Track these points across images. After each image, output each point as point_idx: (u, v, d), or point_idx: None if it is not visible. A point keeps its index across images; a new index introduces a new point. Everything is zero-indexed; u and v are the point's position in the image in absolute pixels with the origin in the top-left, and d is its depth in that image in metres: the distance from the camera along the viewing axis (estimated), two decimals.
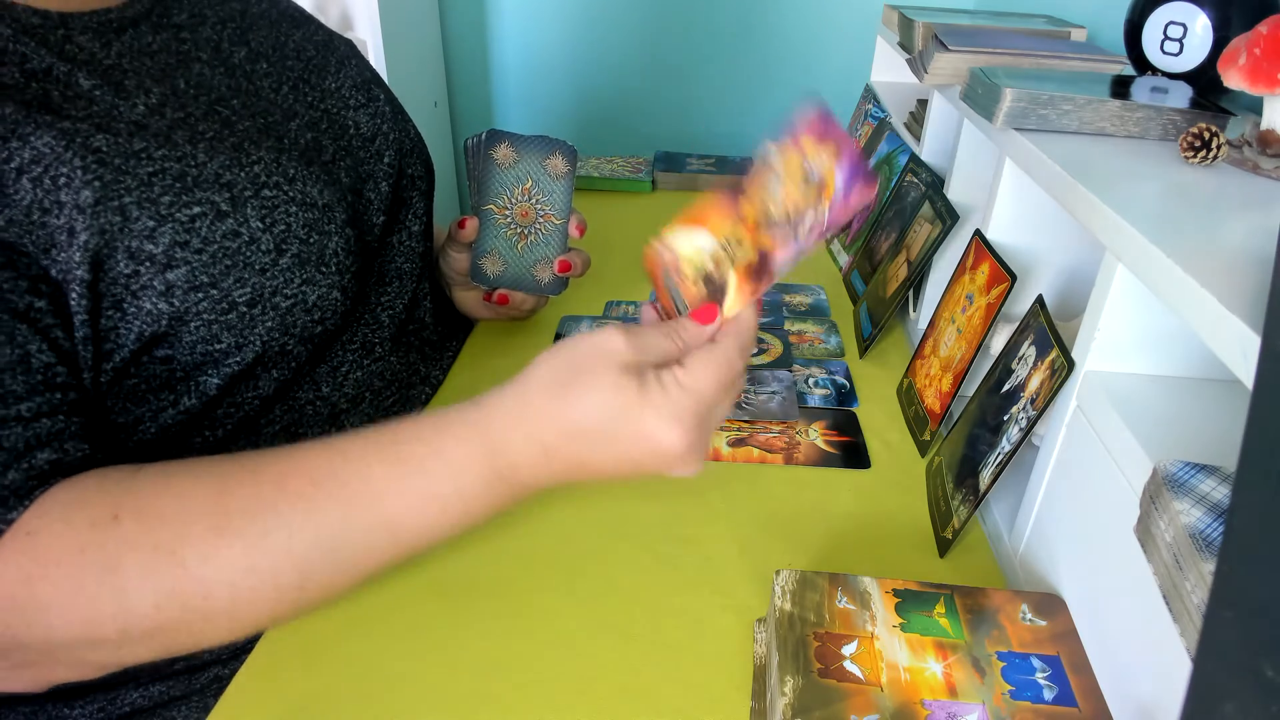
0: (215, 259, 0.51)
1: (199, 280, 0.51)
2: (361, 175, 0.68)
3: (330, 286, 0.58)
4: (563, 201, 0.77)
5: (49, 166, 0.47)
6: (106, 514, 0.43)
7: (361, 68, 0.73)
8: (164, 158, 0.51)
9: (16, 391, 0.44)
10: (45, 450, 0.45)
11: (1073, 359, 0.50)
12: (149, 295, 0.49)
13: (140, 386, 0.52)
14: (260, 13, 0.67)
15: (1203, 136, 0.53)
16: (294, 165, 0.58)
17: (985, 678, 0.42)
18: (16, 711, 0.57)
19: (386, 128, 0.71)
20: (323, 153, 0.64)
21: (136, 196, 0.49)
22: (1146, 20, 0.73)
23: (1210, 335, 0.35)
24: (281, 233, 0.55)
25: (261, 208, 0.54)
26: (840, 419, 0.74)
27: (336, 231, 0.59)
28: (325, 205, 0.58)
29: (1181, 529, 0.35)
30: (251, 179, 0.54)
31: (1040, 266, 0.70)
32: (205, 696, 0.60)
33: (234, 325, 0.53)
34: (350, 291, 0.60)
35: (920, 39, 0.89)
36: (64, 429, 0.46)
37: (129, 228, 0.49)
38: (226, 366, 0.54)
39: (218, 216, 0.52)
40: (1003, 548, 0.59)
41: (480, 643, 0.52)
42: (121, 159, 0.49)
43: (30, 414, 0.45)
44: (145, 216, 0.49)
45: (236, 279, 0.52)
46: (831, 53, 1.58)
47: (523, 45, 1.64)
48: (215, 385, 0.55)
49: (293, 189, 0.56)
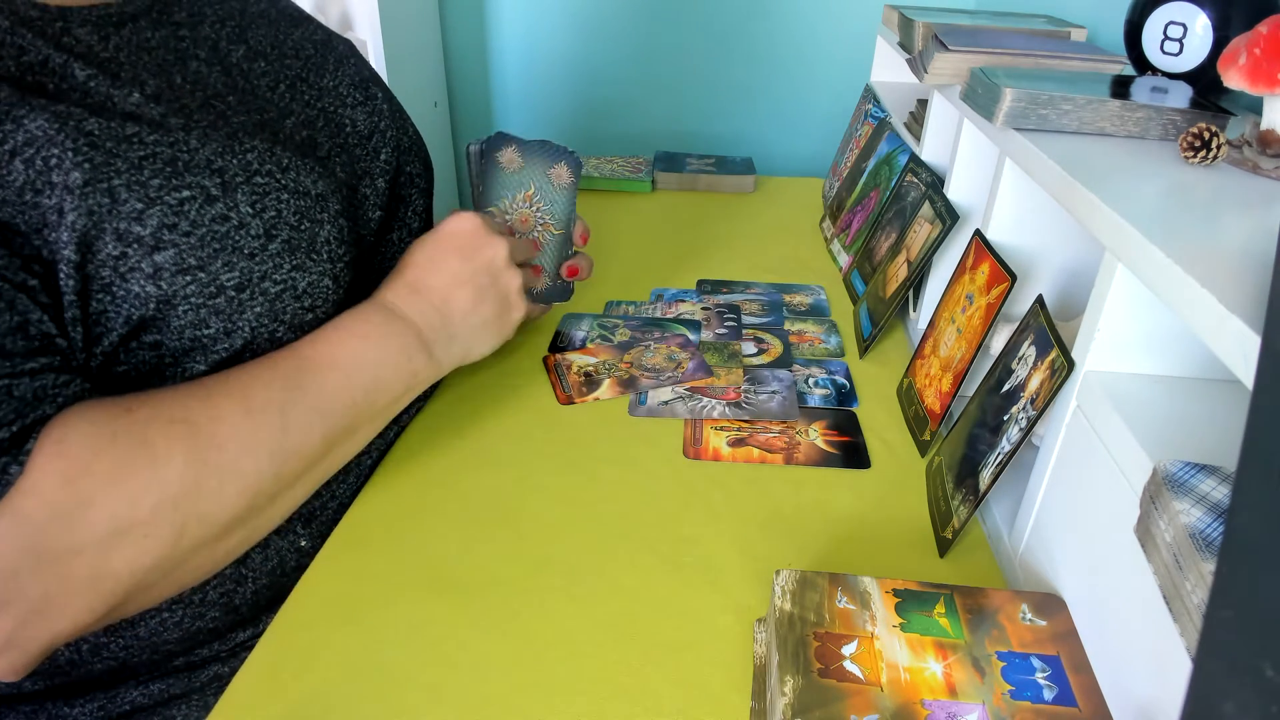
0: (203, 242, 0.52)
1: (187, 263, 0.51)
2: (357, 171, 0.68)
3: (321, 274, 0.58)
4: (563, 212, 0.77)
5: (41, 148, 0.47)
6: (119, 409, 0.48)
7: (360, 66, 0.73)
8: (155, 143, 0.51)
9: (18, 352, 0.45)
10: (52, 404, 0.46)
11: (1073, 359, 0.50)
12: (137, 278, 0.50)
13: (130, 374, 0.52)
14: (259, 12, 0.67)
15: (1203, 136, 0.53)
16: (288, 156, 0.58)
17: (985, 678, 0.42)
18: (17, 711, 0.57)
19: (384, 125, 0.71)
20: (318, 148, 0.64)
21: (126, 179, 0.49)
22: (1146, 20, 0.73)
23: (1210, 335, 0.35)
24: (272, 218, 0.55)
25: (252, 193, 0.54)
26: (840, 419, 0.74)
27: (329, 221, 0.59)
28: (319, 195, 0.59)
29: (1182, 529, 0.35)
30: (243, 166, 0.55)
31: (1040, 266, 0.70)
32: (205, 695, 0.60)
33: (222, 310, 0.53)
34: (343, 280, 0.60)
35: (920, 39, 0.89)
36: (68, 382, 0.47)
37: (117, 209, 0.49)
38: (215, 353, 0.54)
39: (207, 200, 0.52)
40: (1003, 548, 0.59)
41: (480, 642, 0.52)
42: (113, 142, 0.49)
43: (33, 371, 0.46)
44: (134, 199, 0.49)
45: (225, 263, 0.52)
46: (831, 53, 1.58)
47: (523, 45, 1.64)
48: (203, 373, 0.55)
49: (285, 177, 0.57)
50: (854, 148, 1.19)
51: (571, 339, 0.86)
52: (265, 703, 0.48)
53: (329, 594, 0.55)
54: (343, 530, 0.61)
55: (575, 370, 0.80)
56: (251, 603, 0.60)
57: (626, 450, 0.69)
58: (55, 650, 0.49)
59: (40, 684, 0.57)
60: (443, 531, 0.61)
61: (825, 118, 1.63)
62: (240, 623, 0.61)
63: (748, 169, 1.35)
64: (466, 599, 0.55)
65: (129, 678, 0.58)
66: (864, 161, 1.12)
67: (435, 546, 0.59)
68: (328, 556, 0.58)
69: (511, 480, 0.66)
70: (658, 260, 1.05)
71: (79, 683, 0.57)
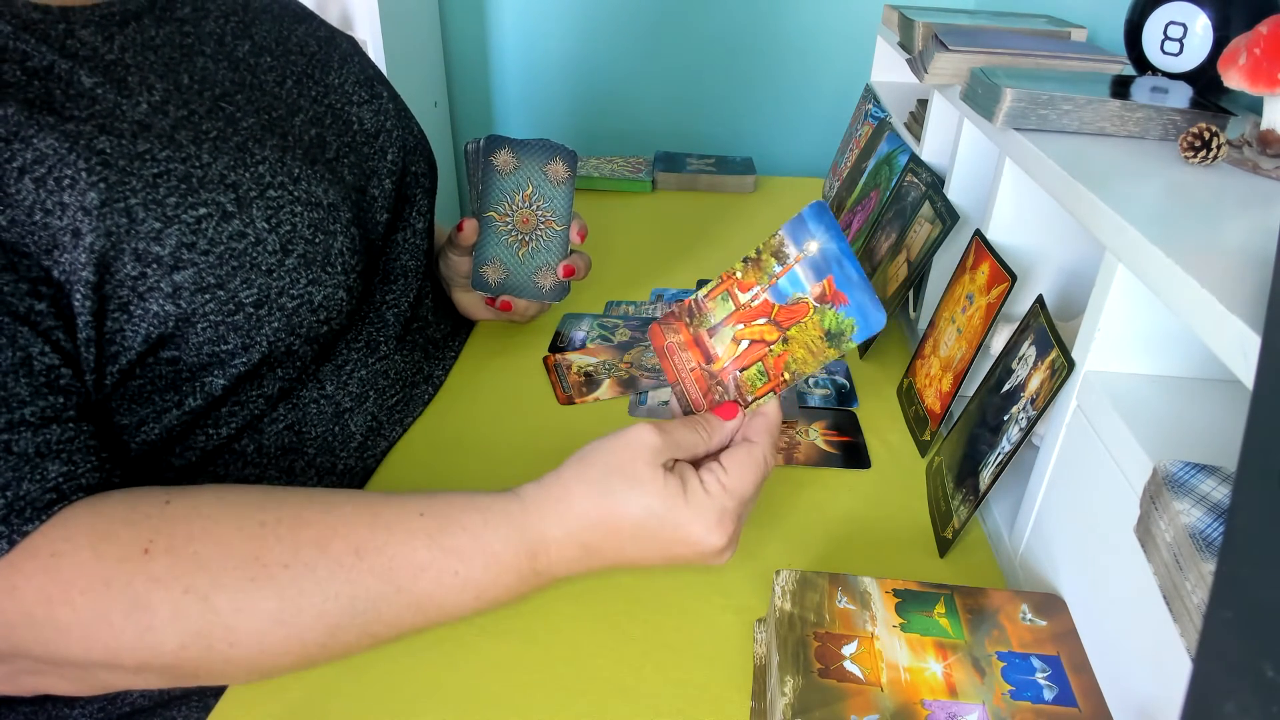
0: (222, 260, 0.51)
1: (206, 281, 0.51)
2: (365, 172, 0.68)
3: (336, 286, 0.58)
4: (564, 207, 0.77)
5: (52, 168, 0.46)
6: (136, 548, 0.43)
7: (364, 64, 0.73)
8: (168, 159, 0.51)
9: (21, 395, 0.44)
10: (56, 461, 0.44)
11: (1073, 359, 0.50)
12: (156, 297, 0.49)
13: (145, 388, 0.52)
14: (263, 7, 0.67)
15: (1203, 136, 0.53)
16: (298, 165, 0.58)
17: (985, 678, 0.42)
18: (17, 712, 0.57)
19: (390, 124, 0.71)
20: (326, 149, 0.64)
21: (142, 198, 0.49)
22: (1146, 20, 0.73)
23: (1210, 335, 0.35)
24: (287, 233, 0.55)
25: (267, 208, 0.54)
26: (840, 419, 0.74)
27: (342, 231, 0.59)
28: (330, 205, 0.58)
29: (1182, 529, 0.35)
30: (256, 179, 0.54)
31: (1040, 266, 0.70)
32: (205, 696, 0.60)
33: (240, 326, 0.53)
34: (355, 291, 0.60)
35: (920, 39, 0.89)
36: (73, 438, 0.46)
37: (135, 229, 0.48)
38: (233, 367, 0.54)
39: (224, 217, 0.52)
40: (1003, 548, 0.59)
41: (480, 642, 0.52)
42: (126, 160, 0.49)
43: (36, 419, 0.44)
44: (151, 218, 0.49)
45: (243, 280, 0.52)
46: (831, 53, 1.58)
47: (523, 45, 1.64)
48: (221, 386, 0.55)
49: (298, 189, 0.56)
50: (854, 148, 1.19)
51: (571, 339, 0.86)
52: (265, 703, 0.48)
53: None
54: None
55: (575, 370, 0.80)
56: None
57: None
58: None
59: None
60: None
61: (825, 118, 1.63)
62: None
63: (748, 169, 1.35)
64: None
65: None
66: (864, 161, 1.12)
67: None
68: None
69: (512, 480, 0.65)
70: (658, 260, 1.05)
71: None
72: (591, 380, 0.79)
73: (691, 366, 0.54)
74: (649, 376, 0.79)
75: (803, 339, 0.50)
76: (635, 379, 0.79)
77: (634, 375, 0.79)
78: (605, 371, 0.80)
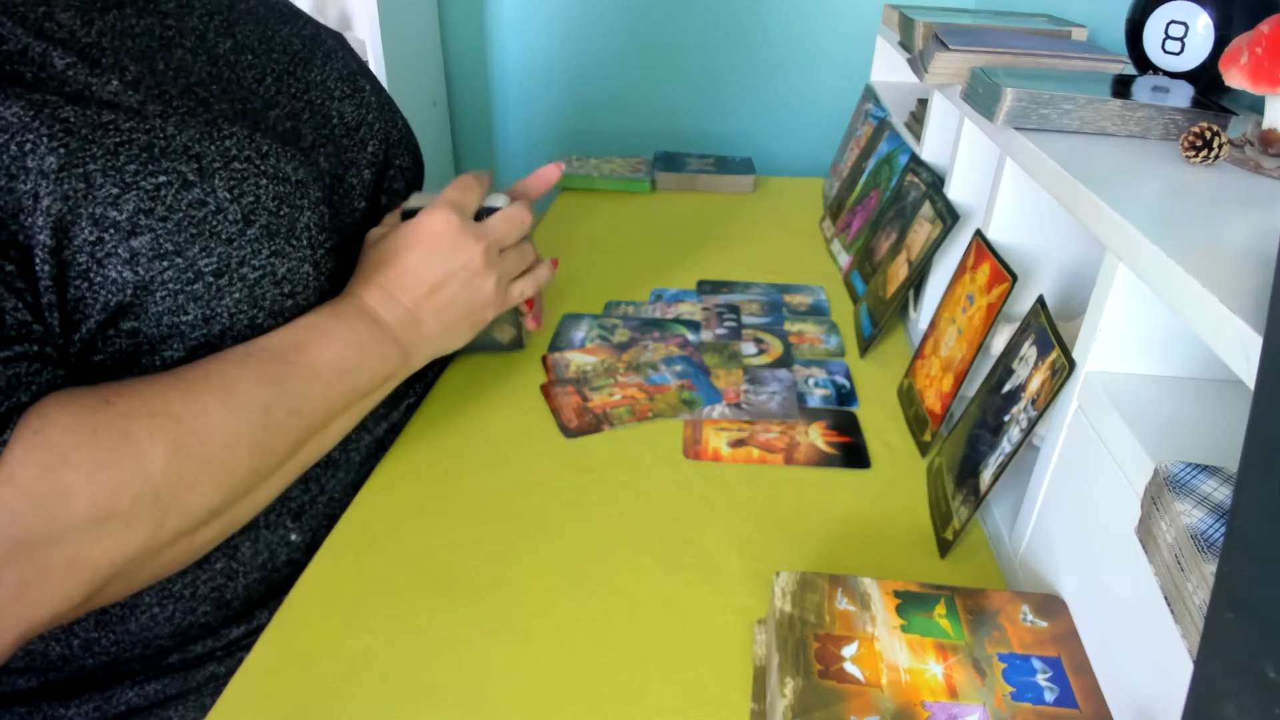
0: (180, 227, 0.51)
1: (164, 248, 0.51)
2: (344, 162, 0.68)
3: (301, 260, 0.58)
4: None
5: (15, 134, 0.47)
6: (98, 401, 0.48)
7: (348, 60, 0.73)
8: (132, 129, 0.51)
9: None
10: (26, 394, 0.46)
11: (1073, 359, 0.50)
12: (114, 263, 0.50)
13: (106, 362, 0.52)
14: (248, 8, 0.67)
15: (1204, 136, 0.53)
16: (268, 142, 0.58)
17: (986, 679, 0.42)
18: (12, 712, 0.57)
19: (372, 118, 0.71)
20: (301, 139, 0.64)
21: (101, 164, 0.49)
22: (1148, 19, 0.73)
23: (1211, 335, 0.35)
24: (250, 204, 0.55)
25: (230, 179, 0.54)
26: (840, 419, 0.74)
27: (310, 207, 0.59)
28: (298, 181, 0.58)
29: (1183, 530, 0.35)
30: (221, 152, 0.54)
31: (1041, 266, 0.70)
32: (202, 695, 0.60)
33: (200, 296, 0.53)
34: (324, 267, 0.60)
35: (920, 38, 0.89)
36: (41, 370, 0.47)
37: (93, 194, 0.49)
38: (193, 339, 0.54)
39: (184, 185, 0.52)
40: (1003, 548, 0.59)
41: (480, 642, 0.52)
42: (89, 129, 0.49)
43: (7, 359, 0.45)
44: (109, 184, 0.49)
45: (202, 248, 0.52)
46: (831, 52, 1.58)
47: (522, 45, 1.64)
48: (181, 359, 0.55)
49: (265, 163, 0.56)
50: (854, 147, 1.19)
51: (571, 339, 0.86)
52: (264, 703, 0.48)
53: (328, 594, 0.55)
54: (342, 529, 0.61)
55: (574, 370, 0.80)
56: (243, 597, 0.59)
57: (627, 450, 0.69)
58: (33, 639, 0.49)
59: (33, 681, 0.56)
60: (442, 531, 0.60)
61: (825, 118, 1.62)
62: (233, 618, 0.61)
63: (748, 169, 1.35)
64: (467, 599, 0.55)
65: (124, 677, 0.58)
66: (864, 161, 1.11)
67: (435, 546, 0.59)
68: (327, 556, 0.58)
69: (511, 480, 0.66)
70: (657, 260, 1.05)
71: (73, 681, 0.57)
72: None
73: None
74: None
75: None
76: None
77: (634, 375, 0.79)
78: (605, 375, 0.80)
